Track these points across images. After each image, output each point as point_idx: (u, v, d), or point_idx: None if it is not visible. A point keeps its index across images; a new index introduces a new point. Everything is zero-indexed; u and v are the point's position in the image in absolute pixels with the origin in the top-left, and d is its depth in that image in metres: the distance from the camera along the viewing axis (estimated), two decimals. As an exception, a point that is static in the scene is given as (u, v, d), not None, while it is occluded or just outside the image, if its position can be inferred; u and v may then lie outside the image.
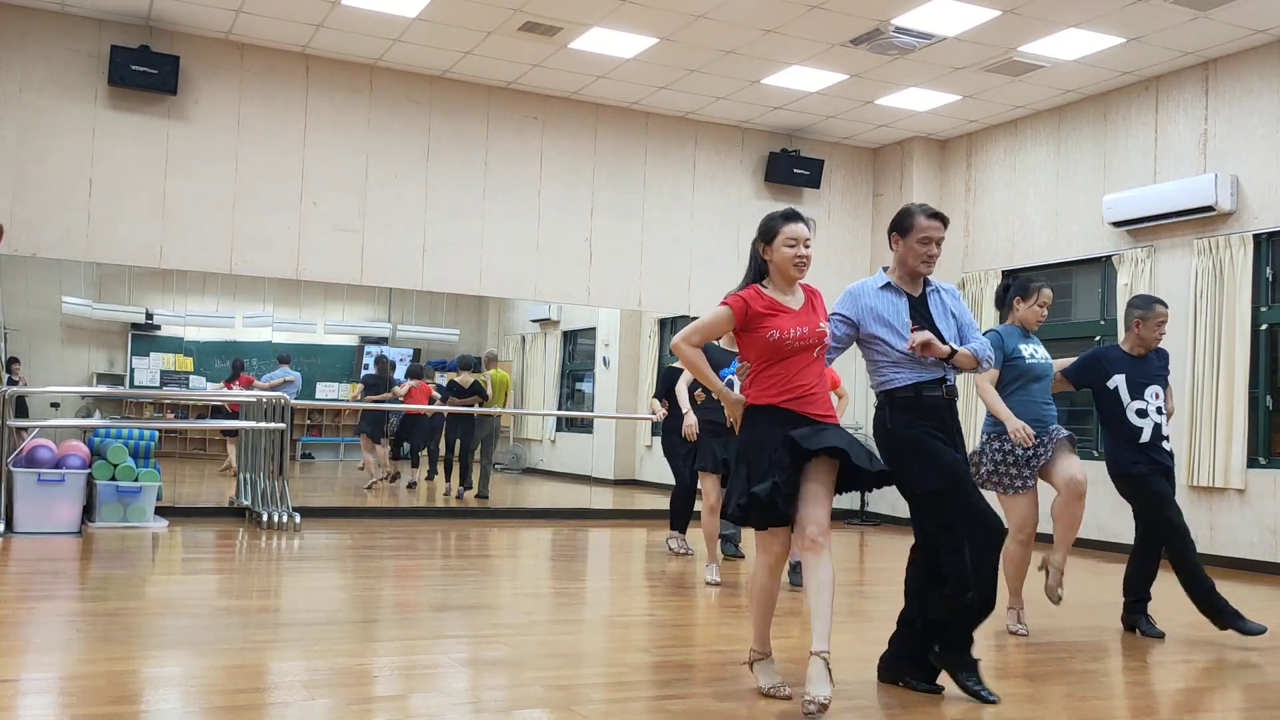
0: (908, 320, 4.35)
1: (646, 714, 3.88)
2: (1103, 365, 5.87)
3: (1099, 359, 5.92)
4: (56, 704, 3.75)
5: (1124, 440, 5.79)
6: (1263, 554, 8.86)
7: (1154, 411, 5.80)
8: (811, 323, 4.17)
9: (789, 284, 4.22)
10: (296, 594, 6.38)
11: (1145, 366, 5.88)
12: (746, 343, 4.20)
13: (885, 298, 4.42)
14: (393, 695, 4.09)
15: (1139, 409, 5.78)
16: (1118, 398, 5.80)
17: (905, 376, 4.33)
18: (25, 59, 9.50)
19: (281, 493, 9.26)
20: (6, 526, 8.00)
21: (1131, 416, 5.78)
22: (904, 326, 4.35)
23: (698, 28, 9.27)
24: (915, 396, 4.31)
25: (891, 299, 4.41)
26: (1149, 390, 5.82)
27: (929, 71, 10.07)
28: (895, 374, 4.35)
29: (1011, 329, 5.76)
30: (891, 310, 4.38)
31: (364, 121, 10.67)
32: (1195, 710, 4.42)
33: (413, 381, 13.46)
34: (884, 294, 4.43)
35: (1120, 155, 10.33)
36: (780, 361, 4.11)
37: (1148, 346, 5.90)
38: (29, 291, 15.97)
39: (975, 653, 4.32)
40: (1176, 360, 9.46)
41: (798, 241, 4.16)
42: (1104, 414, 5.89)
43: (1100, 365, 5.88)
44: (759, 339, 4.12)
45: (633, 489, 15.25)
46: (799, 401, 4.07)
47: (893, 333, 4.35)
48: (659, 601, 6.59)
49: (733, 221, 11.99)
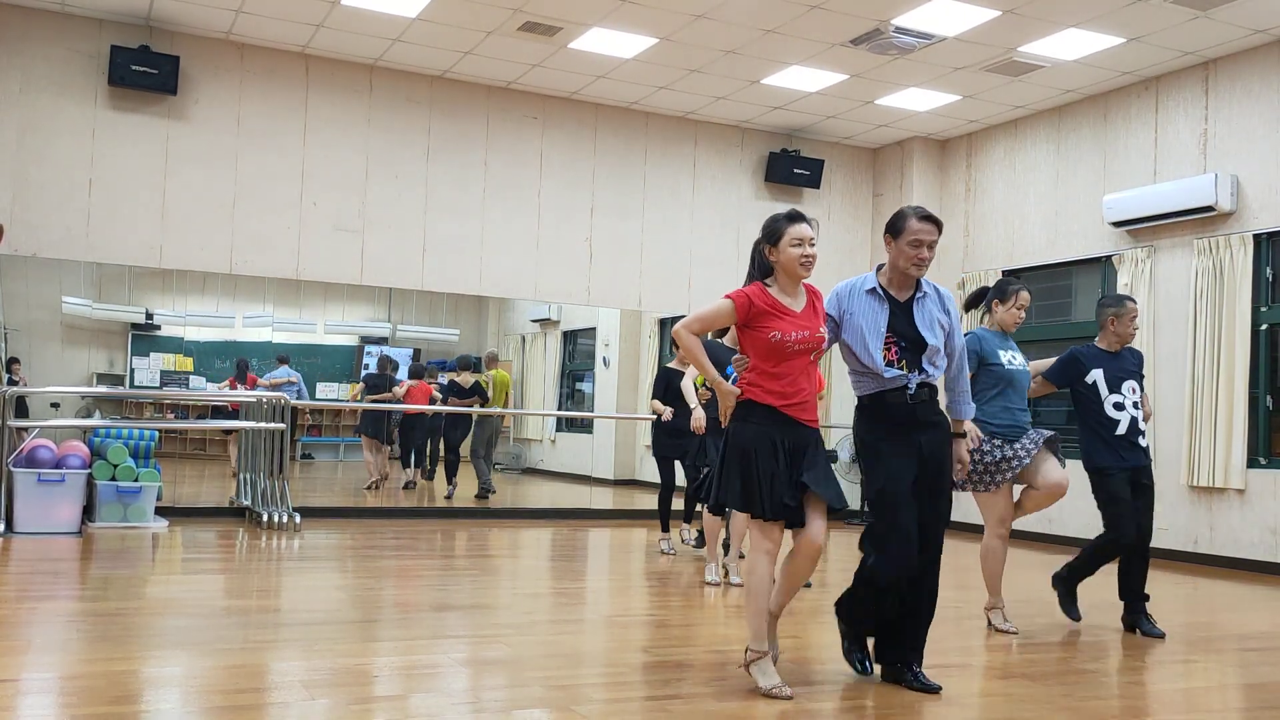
0: (883, 330, 4.40)
1: (646, 714, 3.88)
2: (1080, 362, 5.99)
3: (1077, 357, 6.03)
4: (56, 704, 3.75)
5: (1099, 435, 5.89)
6: (1263, 554, 8.86)
7: (1130, 406, 5.91)
8: (813, 326, 4.25)
9: (794, 284, 4.29)
10: (296, 594, 6.38)
11: (1121, 363, 6.00)
12: (748, 340, 4.27)
13: (868, 304, 4.44)
14: (393, 695, 4.10)
15: (1116, 402, 5.89)
16: (1096, 392, 5.91)
17: (867, 385, 4.46)
18: (25, 59, 9.50)
19: (281, 493, 9.26)
20: (6, 526, 8.00)
21: (1109, 410, 5.88)
22: (879, 336, 4.39)
23: (698, 28, 9.27)
24: (878, 402, 4.41)
25: (874, 305, 4.43)
26: (1126, 385, 5.93)
27: (929, 71, 10.07)
28: (859, 381, 4.48)
29: (990, 333, 5.82)
30: (870, 318, 4.41)
31: (364, 121, 10.67)
32: (1195, 710, 4.42)
33: (412, 381, 13.45)
34: (868, 299, 4.45)
35: (1120, 155, 10.33)
36: (780, 363, 4.18)
37: (1123, 342, 6.01)
38: (29, 291, 15.98)
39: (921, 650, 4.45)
40: (1176, 360, 9.52)
41: (803, 241, 4.23)
42: (1081, 410, 6.00)
43: (1078, 362, 5.99)
44: (760, 339, 4.20)
45: (633, 489, 15.25)
46: (795, 408, 4.19)
47: (864, 343, 4.39)
48: (659, 601, 6.60)
49: (733, 221, 12.00)
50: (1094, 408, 5.90)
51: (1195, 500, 9.36)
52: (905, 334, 4.40)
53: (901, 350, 4.40)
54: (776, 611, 4.39)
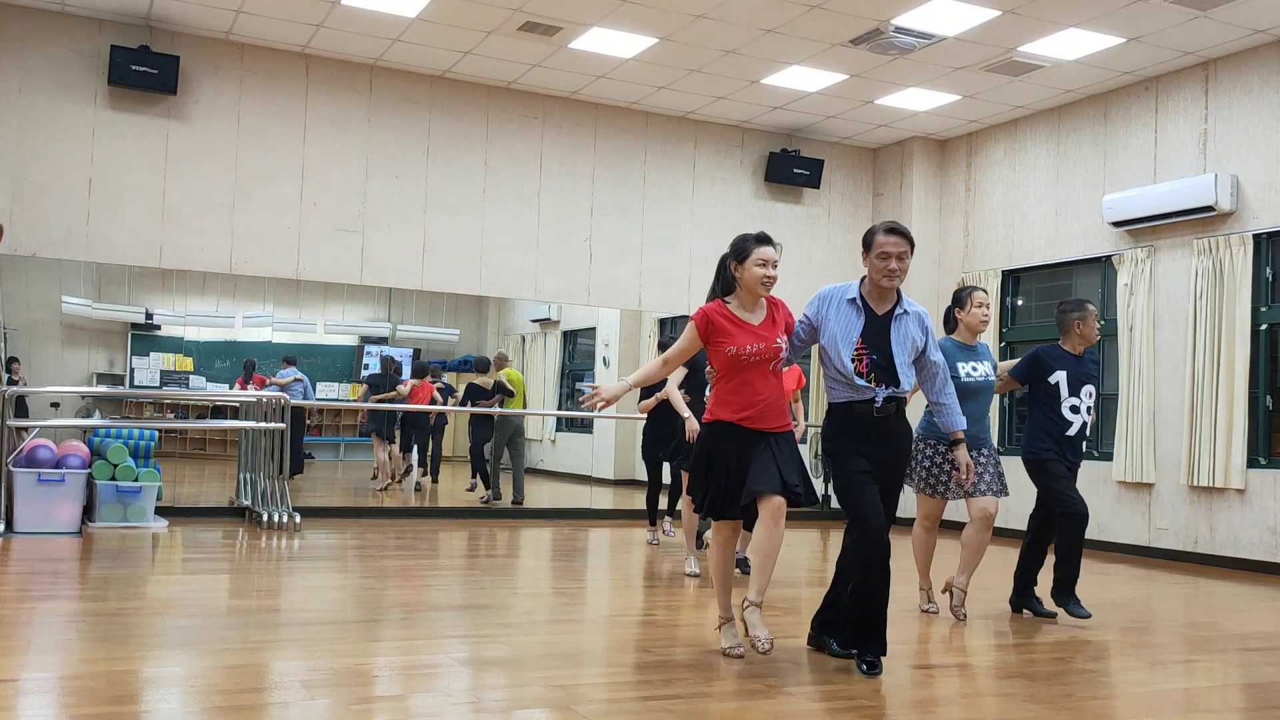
0: (856, 340, 4.58)
1: (646, 714, 3.88)
2: (1045, 362, 6.14)
3: (1042, 356, 6.17)
4: (56, 704, 3.75)
5: (1046, 431, 6.07)
6: (1263, 554, 8.86)
7: (1084, 411, 6.09)
8: (768, 339, 4.59)
9: (754, 300, 4.64)
10: (296, 594, 6.38)
11: (1083, 366, 6.16)
12: (710, 354, 4.67)
13: (846, 313, 4.64)
14: (393, 695, 4.09)
15: (1073, 405, 6.07)
16: (1056, 392, 6.08)
17: (839, 394, 4.66)
18: (25, 59, 9.50)
19: (282, 493, 9.26)
20: (6, 526, 8.00)
21: (1065, 411, 6.07)
22: (850, 345, 4.58)
23: (698, 28, 9.27)
24: (846, 410, 4.63)
25: (851, 316, 4.64)
26: (1084, 389, 6.10)
27: (929, 71, 10.07)
28: (832, 388, 4.69)
29: (952, 345, 5.95)
30: (844, 328, 4.63)
31: (364, 121, 10.67)
32: (1196, 710, 4.42)
33: (416, 380, 13.42)
34: (847, 308, 4.65)
35: (1120, 155, 10.33)
36: (738, 375, 4.57)
37: (1088, 343, 6.19)
38: (29, 291, 15.98)
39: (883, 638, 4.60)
40: (1176, 360, 9.53)
41: (767, 263, 4.60)
42: (1036, 406, 6.16)
43: (1043, 362, 6.14)
44: (719, 353, 4.61)
45: (633, 489, 15.24)
46: (753, 419, 4.56)
47: (836, 350, 4.61)
48: (659, 601, 6.59)
49: (733, 221, 11.99)
50: (1051, 406, 6.09)
51: (1195, 500, 9.36)
52: (878, 347, 4.59)
53: (872, 363, 4.58)
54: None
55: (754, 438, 4.56)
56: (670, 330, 14.40)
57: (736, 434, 4.56)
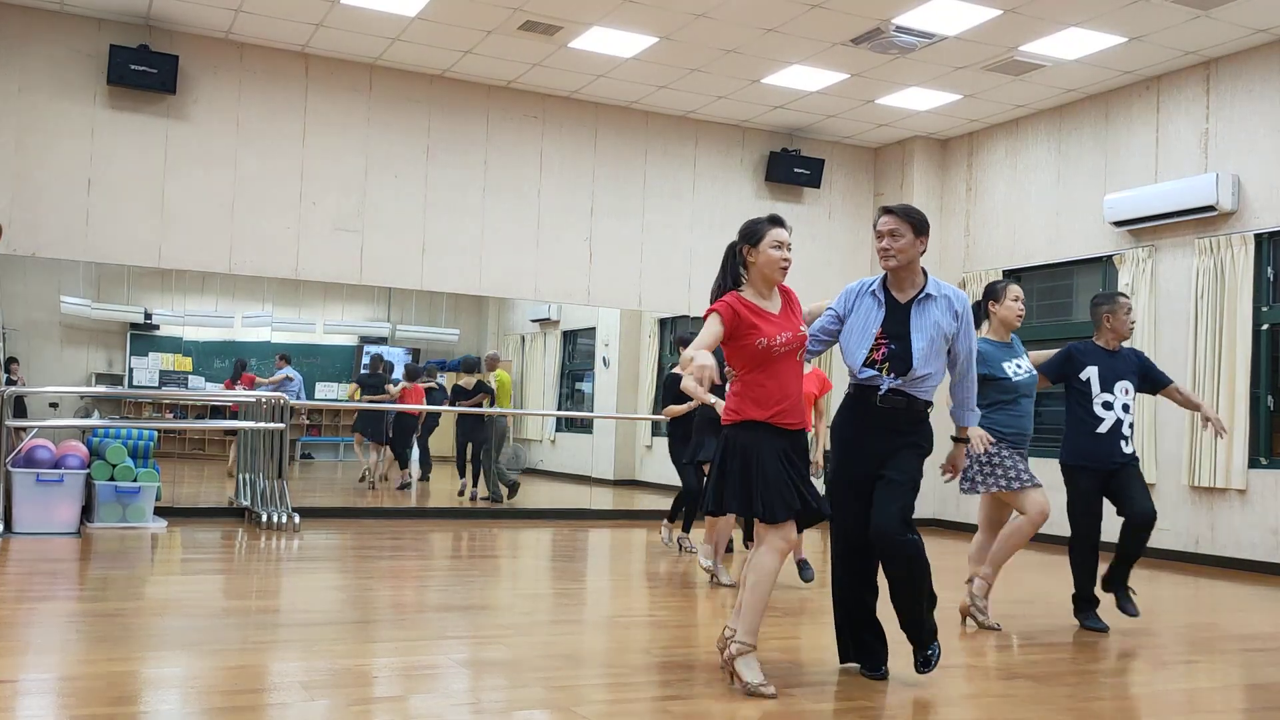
0: (875, 331, 4.45)
1: (647, 714, 3.87)
2: (1077, 359, 5.98)
3: (1073, 353, 6.02)
4: (56, 704, 3.74)
5: (1081, 431, 5.90)
6: (1264, 554, 8.85)
7: (1119, 408, 5.88)
8: (793, 326, 4.29)
9: (769, 288, 4.33)
10: (296, 594, 6.36)
11: (1118, 362, 5.96)
12: (733, 351, 4.28)
13: (867, 305, 4.52)
14: (393, 696, 4.08)
15: (1105, 401, 5.88)
16: (1087, 389, 5.91)
17: (851, 382, 4.56)
18: (25, 59, 9.48)
19: (281, 493, 9.24)
20: (5, 527, 7.98)
21: (1096, 408, 5.88)
22: (868, 338, 4.45)
23: (698, 27, 9.26)
24: (854, 398, 4.53)
25: (872, 308, 4.50)
26: (1119, 385, 5.91)
27: (929, 71, 10.06)
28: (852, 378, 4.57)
29: (990, 345, 5.72)
30: (863, 320, 4.50)
31: (364, 121, 10.65)
32: (1197, 711, 4.41)
33: (407, 383, 13.44)
34: (869, 301, 4.52)
35: (1121, 155, 10.32)
36: (767, 367, 4.21)
37: (1120, 338, 6.00)
38: (28, 291, 15.95)
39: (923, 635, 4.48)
40: (1177, 360, 9.49)
41: (783, 245, 4.29)
42: (1070, 404, 6.00)
43: (1075, 359, 5.98)
44: (747, 347, 4.21)
45: (633, 489, 15.24)
46: (785, 413, 4.22)
47: (851, 343, 4.50)
48: (659, 601, 6.58)
49: (733, 221, 11.82)
50: (1083, 404, 5.90)
51: (1196, 501, 9.35)
52: (897, 336, 4.42)
53: (890, 353, 4.41)
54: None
55: (790, 436, 4.23)
56: (670, 330, 14.40)
57: (770, 434, 4.19)
